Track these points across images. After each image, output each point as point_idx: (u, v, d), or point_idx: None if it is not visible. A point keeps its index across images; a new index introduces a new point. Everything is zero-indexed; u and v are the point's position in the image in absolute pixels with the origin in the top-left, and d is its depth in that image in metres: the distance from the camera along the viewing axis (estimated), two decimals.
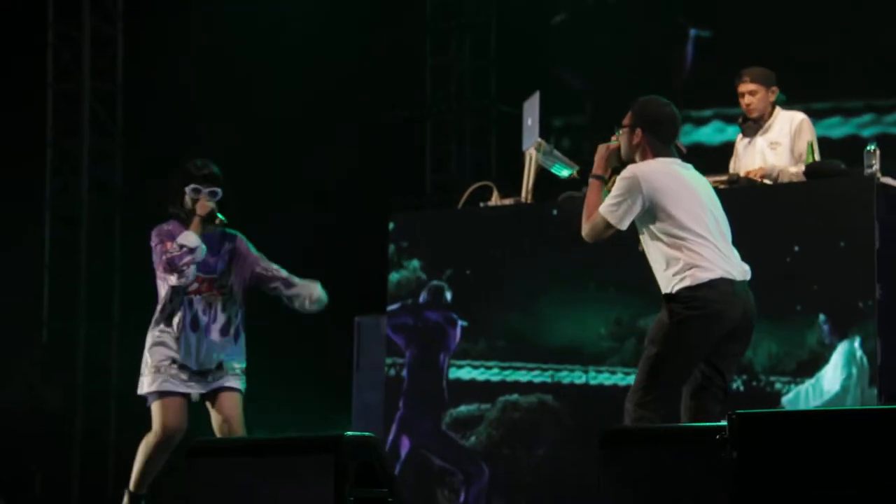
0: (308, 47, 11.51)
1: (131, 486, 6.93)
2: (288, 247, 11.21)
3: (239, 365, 6.99)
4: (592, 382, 7.47)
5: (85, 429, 12.11)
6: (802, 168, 7.33)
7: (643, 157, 6.18)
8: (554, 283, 7.61)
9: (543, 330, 7.63)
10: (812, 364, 6.99)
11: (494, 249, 7.82)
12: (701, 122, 10.76)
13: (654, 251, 6.08)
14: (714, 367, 6.01)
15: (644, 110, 6.22)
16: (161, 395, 6.84)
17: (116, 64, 12.46)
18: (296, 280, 7.11)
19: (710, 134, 10.64)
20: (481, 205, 7.97)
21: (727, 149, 8.25)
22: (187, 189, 6.95)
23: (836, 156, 7.52)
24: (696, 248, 5.98)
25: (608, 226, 6.08)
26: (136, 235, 8.05)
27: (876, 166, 7.01)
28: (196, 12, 11.81)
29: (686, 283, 5.95)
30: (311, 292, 7.09)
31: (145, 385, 6.89)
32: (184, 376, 6.86)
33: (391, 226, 8.15)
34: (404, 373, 7.91)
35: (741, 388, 7.05)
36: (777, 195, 7.30)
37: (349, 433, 5.11)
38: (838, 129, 10.29)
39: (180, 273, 6.82)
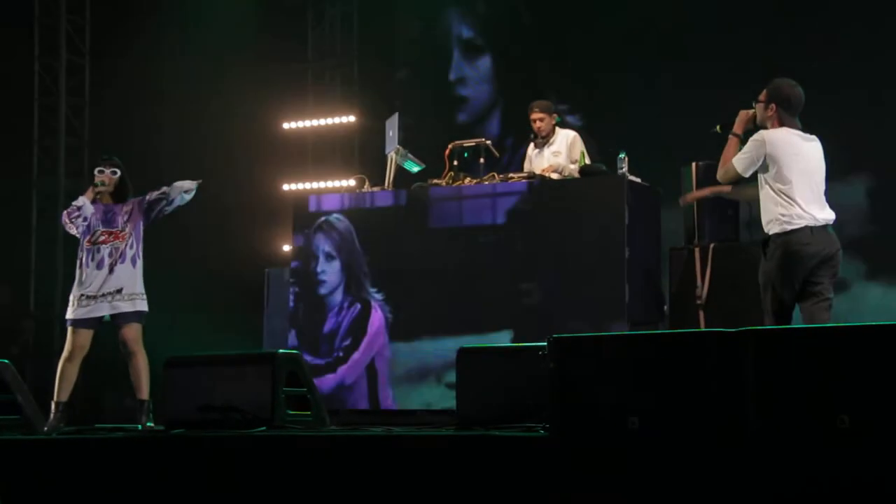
0: (225, 74, 11.32)
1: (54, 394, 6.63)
2: (216, 223, 11.17)
3: (138, 291, 6.69)
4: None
5: (59, 347, 11.78)
6: (578, 168, 7.45)
7: (773, 125, 5.79)
8: (401, 232, 7.57)
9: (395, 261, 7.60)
10: None
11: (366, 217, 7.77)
12: None
13: (763, 197, 5.77)
14: (815, 285, 5.66)
15: (778, 89, 5.81)
16: (72, 322, 6.66)
17: (85, 87, 12.19)
18: (166, 189, 6.72)
19: None
20: (358, 190, 7.91)
21: None
22: (95, 171, 6.80)
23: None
24: (790, 202, 5.68)
25: (737, 172, 5.78)
26: None
27: (625, 168, 7.13)
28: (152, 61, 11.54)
29: (776, 229, 5.67)
30: (182, 185, 6.73)
31: (67, 312, 6.75)
32: (90, 303, 6.63)
33: (294, 204, 7.99)
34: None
35: None
36: (563, 186, 7.35)
37: (281, 350, 5.10)
38: None
39: (73, 223, 6.72)
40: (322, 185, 10.94)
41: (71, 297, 6.77)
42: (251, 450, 4.61)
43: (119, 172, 6.82)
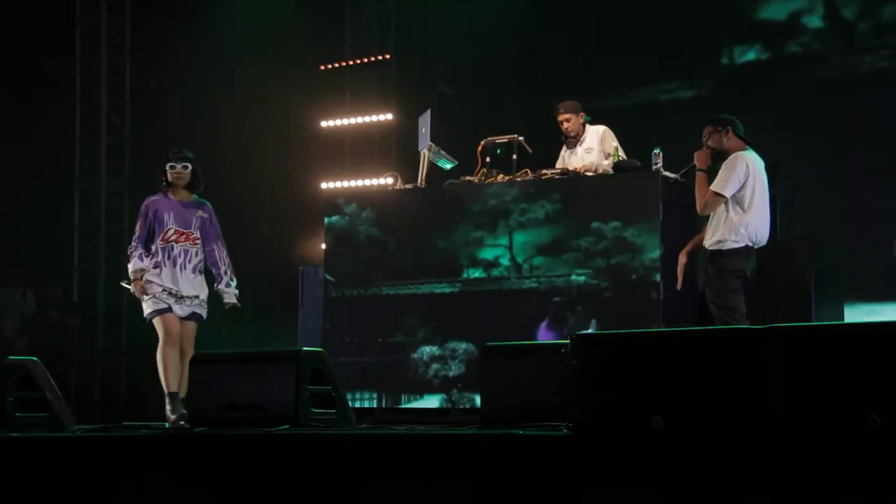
0: (264, 76, 11.32)
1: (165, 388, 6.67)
2: (252, 220, 11.17)
3: (204, 297, 6.80)
4: (452, 290, 7.48)
5: (104, 343, 11.89)
6: (612, 164, 7.37)
7: (732, 146, 6.20)
8: (433, 231, 7.55)
9: (425, 256, 7.57)
10: None
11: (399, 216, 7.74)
12: None
13: (720, 216, 6.14)
14: None
15: (724, 116, 6.29)
16: (158, 312, 6.67)
17: (125, 84, 12.25)
18: (227, 281, 6.85)
19: None
20: (390, 187, 7.89)
21: None
22: (167, 166, 6.84)
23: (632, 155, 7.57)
24: (744, 220, 6.09)
25: (721, 196, 6.09)
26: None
27: (660, 164, 7.05)
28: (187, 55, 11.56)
29: (719, 246, 6.12)
30: (227, 301, 6.88)
31: (145, 309, 6.74)
32: (170, 299, 6.68)
33: (328, 201, 8.00)
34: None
35: None
36: (596, 182, 7.28)
37: (306, 348, 5.05)
38: None
39: (128, 260, 6.75)
40: (359, 182, 10.91)
41: (147, 295, 6.72)
42: (274, 448, 4.56)
43: (190, 166, 6.88)
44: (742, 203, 6.09)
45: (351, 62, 11.93)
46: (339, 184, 11.19)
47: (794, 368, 3.75)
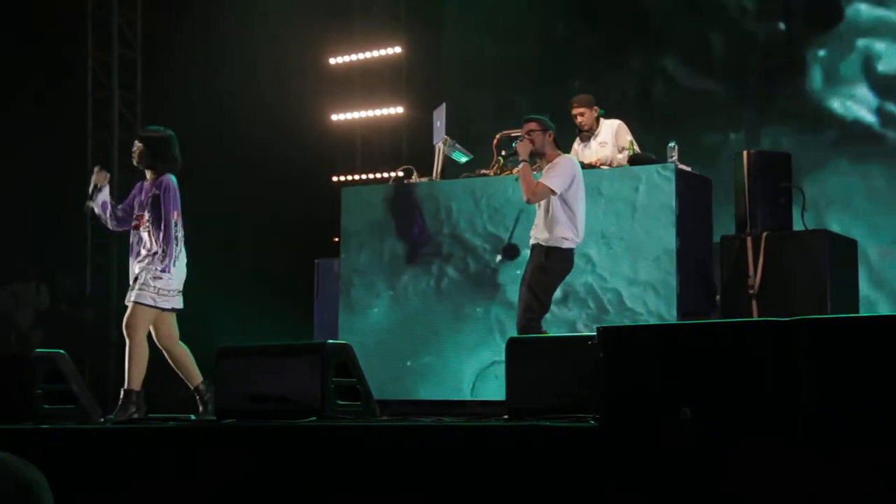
0: (275, 70, 11.34)
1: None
2: (266, 215, 11.20)
3: (153, 281, 6.13)
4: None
5: (116, 337, 11.88)
6: (626, 158, 7.37)
7: (554, 150, 6.43)
8: (450, 222, 7.57)
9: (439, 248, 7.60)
10: None
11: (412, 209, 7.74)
12: None
13: (550, 210, 6.25)
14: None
15: (545, 119, 6.50)
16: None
17: (136, 80, 12.28)
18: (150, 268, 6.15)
19: None
20: (405, 181, 7.89)
21: None
22: None
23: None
24: (574, 221, 6.29)
25: (551, 191, 6.23)
26: None
27: (675, 157, 7.09)
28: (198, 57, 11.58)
29: (558, 243, 6.27)
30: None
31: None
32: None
33: (343, 195, 7.99)
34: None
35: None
36: (612, 175, 7.24)
37: (330, 341, 5.08)
38: None
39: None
40: (371, 177, 10.94)
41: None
42: (301, 440, 4.60)
43: (140, 145, 6.27)
44: (569, 203, 6.26)
45: (361, 55, 11.93)
46: (351, 178, 11.21)
47: (821, 360, 3.78)
